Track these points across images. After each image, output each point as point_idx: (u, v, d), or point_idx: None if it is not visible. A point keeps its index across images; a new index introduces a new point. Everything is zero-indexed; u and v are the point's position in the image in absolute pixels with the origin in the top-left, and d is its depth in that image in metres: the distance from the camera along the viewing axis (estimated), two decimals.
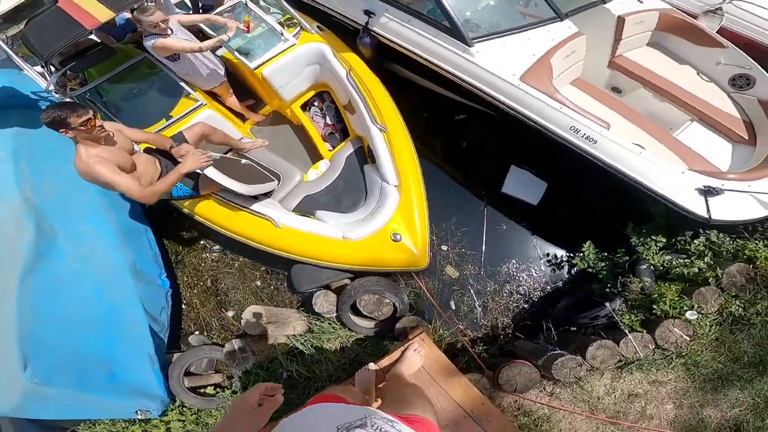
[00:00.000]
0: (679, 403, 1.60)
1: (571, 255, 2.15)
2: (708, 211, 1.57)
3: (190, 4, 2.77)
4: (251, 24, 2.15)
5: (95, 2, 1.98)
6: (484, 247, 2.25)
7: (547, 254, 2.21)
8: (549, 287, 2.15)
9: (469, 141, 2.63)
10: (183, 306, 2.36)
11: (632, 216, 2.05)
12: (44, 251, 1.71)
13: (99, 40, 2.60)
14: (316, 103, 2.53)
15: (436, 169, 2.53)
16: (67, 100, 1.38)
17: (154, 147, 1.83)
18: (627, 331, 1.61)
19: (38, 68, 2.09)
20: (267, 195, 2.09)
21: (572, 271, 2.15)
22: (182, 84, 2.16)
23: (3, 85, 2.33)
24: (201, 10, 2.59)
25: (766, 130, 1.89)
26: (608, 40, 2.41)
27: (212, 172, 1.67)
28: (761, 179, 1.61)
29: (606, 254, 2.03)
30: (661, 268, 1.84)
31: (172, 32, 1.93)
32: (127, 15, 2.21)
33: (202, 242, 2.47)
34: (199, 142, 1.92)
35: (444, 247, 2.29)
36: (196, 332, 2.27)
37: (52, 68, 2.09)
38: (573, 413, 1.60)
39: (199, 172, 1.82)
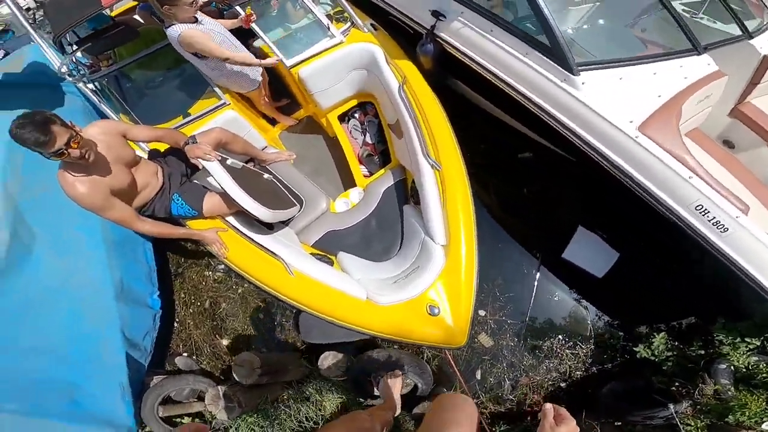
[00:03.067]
0: None
1: (631, 338, 1.84)
2: None
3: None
4: (253, 16, 1.73)
5: None
6: (528, 318, 1.93)
7: (603, 335, 1.89)
8: (594, 368, 1.86)
9: (532, 186, 2.19)
10: (175, 324, 2.13)
11: (717, 305, 1.72)
12: (17, 260, 1.50)
13: (141, 20, 2.38)
14: (356, 115, 2.15)
15: (486, 216, 2.14)
16: (44, 111, 1.08)
17: (165, 146, 1.53)
18: None
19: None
20: (284, 223, 1.77)
21: (628, 356, 1.85)
22: (208, 79, 1.82)
23: (32, 60, 2.13)
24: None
25: None
26: (742, 83, 1.83)
27: (231, 186, 1.37)
28: None
29: (676, 344, 1.73)
30: (744, 370, 1.59)
31: (198, 21, 1.57)
32: None
33: (206, 259, 2.21)
34: (215, 149, 1.63)
35: (482, 312, 1.97)
36: (185, 354, 2.03)
37: (70, 48, 1.88)
38: None
39: (208, 187, 1.54)
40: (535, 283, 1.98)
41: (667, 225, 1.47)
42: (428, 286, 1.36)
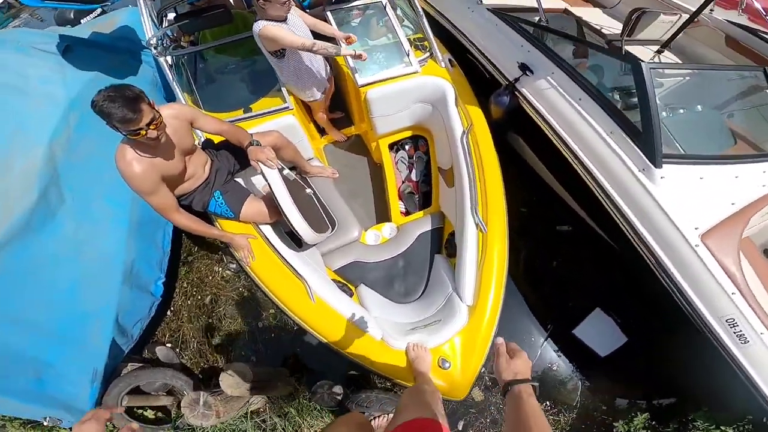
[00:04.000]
0: None
1: (612, 413, 1.91)
2: None
3: None
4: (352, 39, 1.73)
5: None
6: None
7: (588, 406, 1.97)
8: None
9: (563, 260, 2.19)
10: (169, 312, 2.11)
11: (706, 394, 1.78)
12: (36, 225, 1.46)
13: (231, 2, 2.48)
14: (407, 147, 2.13)
15: (509, 278, 2.10)
16: (134, 87, 1.08)
17: (222, 139, 1.53)
18: None
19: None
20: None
21: (604, 429, 1.93)
22: (279, 80, 1.86)
23: (123, 24, 2.29)
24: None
25: None
26: None
27: (285, 200, 1.37)
28: None
29: (654, 423, 1.81)
30: None
31: (286, 22, 1.61)
32: None
33: (219, 254, 2.22)
34: None
35: (482, 368, 1.96)
36: (169, 345, 2.01)
37: (165, 21, 1.99)
38: None
39: (251, 190, 1.55)
40: (539, 351, 2.04)
41: (686, 322, 1.46)
42: (445, 341, 1.37)
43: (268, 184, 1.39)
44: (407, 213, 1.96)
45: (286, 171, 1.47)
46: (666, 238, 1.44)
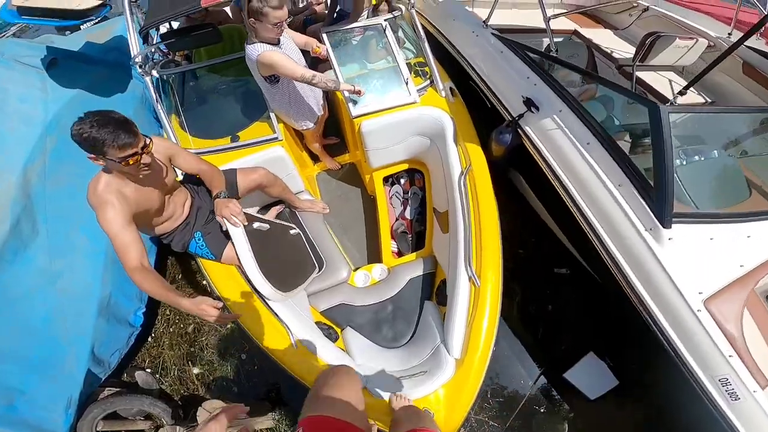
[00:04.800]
0: None
1: None
2: None
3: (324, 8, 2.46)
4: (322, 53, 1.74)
5: None
6: (508, 424, 1.95)
7: None
8: None
9: (558, 304, 2.14)
10: (149, 338, 2.08)
11: None
12: (8, 257, 1.41)
13: (230, 14, 2.39)
14: (402, 181, 2.06)
15: (502, 321, 2.00)
16: (115, 111, 1.02)
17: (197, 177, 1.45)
18: None
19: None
20: None
21: None
22: (269, 107, 1.78)
23: (118, 33, 2.21)
24: (335, 15, 2.27)
25: None
26: None
27: (248, 263, 1.32)
28: None
29: None
30: None
31: (279, 44, 1.53)
32: None
33: (204, 284, 2.16)
34: (251, 192, 1.57)
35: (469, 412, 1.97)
36: (148, 370, 1.98)
37: (152, 39, 1.91)
38: None
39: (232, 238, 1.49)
40: (528, 393, 2.01)
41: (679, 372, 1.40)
42: (430, 392, 1.34)
43: (232, 242, 1.33)
44: (399, 254, 1.90)
45: (257, 224, 1.40)
46: (666, 301, 1.37)
